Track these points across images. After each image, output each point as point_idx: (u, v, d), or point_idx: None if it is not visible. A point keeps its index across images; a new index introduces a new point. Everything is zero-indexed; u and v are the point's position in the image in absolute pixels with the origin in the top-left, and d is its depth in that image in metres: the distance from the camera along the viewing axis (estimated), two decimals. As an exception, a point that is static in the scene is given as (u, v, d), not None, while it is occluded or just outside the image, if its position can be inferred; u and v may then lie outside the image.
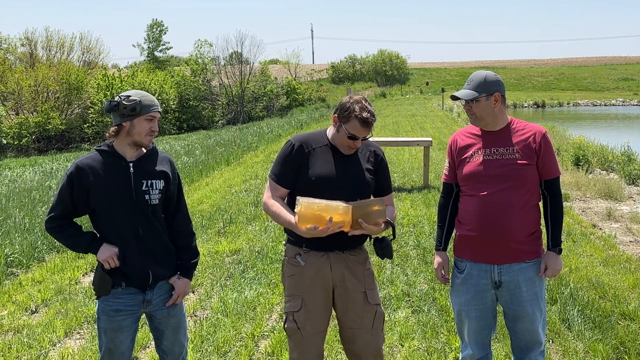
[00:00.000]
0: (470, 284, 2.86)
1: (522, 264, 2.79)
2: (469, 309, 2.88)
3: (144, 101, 2.67)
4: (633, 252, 6.21)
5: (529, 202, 2.78)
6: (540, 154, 2.76)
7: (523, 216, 2.75)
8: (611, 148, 13.22)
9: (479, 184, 2.78)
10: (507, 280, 2.79)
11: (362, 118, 2.74)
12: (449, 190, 3.00)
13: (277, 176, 2.88)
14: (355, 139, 2.79)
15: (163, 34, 65.38)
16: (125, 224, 2.70)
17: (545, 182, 2.82)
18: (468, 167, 2.82)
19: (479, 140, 2.84)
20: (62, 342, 4.28)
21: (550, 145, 2.80)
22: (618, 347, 3.92)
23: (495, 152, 2.78)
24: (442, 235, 3.03)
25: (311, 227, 2.60)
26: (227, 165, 14.10)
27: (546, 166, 2.79)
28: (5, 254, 6.13)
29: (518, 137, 2.78)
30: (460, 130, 3.00)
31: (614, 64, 71.91)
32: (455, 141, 2.95)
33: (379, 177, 2.93)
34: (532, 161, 2.75)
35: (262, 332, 4.31)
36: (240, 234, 7.24)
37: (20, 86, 36.91)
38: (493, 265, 2.79)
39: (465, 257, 2.88)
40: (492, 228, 2.74)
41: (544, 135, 2.79)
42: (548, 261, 2.80)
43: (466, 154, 2.85)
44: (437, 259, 3.03)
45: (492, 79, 2.78)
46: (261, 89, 45.33)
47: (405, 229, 7.21)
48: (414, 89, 59.46)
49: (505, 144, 2.78)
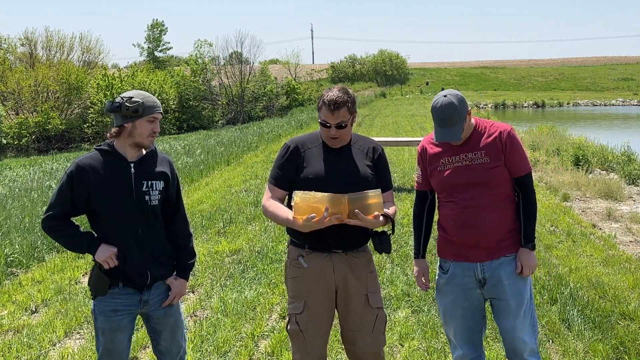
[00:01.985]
0: (455, 283, 2.86)
1: (501, 259, 2.79)
2: (454, 309, 2.87)
3: (147, 103, 2.67)
4: (633, 252, 6.21)
5: (503, 201, 2.79)
6: (507, 152, 2.75)
7: (498, 216, 2.76)
8: (611, 148, 13.22)
9: (453, 192, 2.80)
10: (490, 276, 2.79)
11: (328, 101, 2.73)
12: (422, 197, 3.01)
13: (275, 179, 2.89)
14: (326, 126, 2.77)
15: (163, 34, 65.43)
16: (125, 224, 2.69)
17: (516, 180, 2.80)
18: (440, 176, 2.84)
19: (447, 148, 2.83)
20: (62, 342, 4.28)
21: (517, 142, 2.78)
22: (618, 347, 3.92)
23: (464, 157, 2.78)
24: (420, 243, 3.03)
25: (308, 217, 2.59)
26: (227, 165, 14.10)
27: (514, 164, 2.77)
28: (5, 254, 6.13)
29: (484, 140, 2.77)
30: (428, 137, 2.97)
31: (613, 64, 71.89)
32: (425, 149, 2.93)
33: (378, 173, 2.91)
34: (500, 162, 2.74)
35: (262, 332, 4.31)
36: (240, 234, 7.24)
37: (20, 86, 36.91)
38: (476, 264, 2.80)
39: (448, 257, 2.88)
40: (470, 233, 2.76)
41: (509, 133, 2.77)
42: (521, 258, 2.79)
43: (437, 163, 2.85)
44: (416, 267, 3.04)
45: (460, 102, 2.69)
46: (261, 89, 45.31)
47: (405, 229, 7.21)
48: (414, 89, 59.46)
49: (472, 148, 2.77)
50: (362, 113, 32.42)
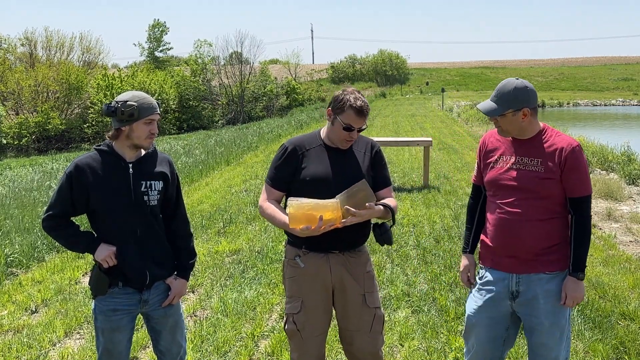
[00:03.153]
0: (486, 290, 2.75)
1: (540, 275, 2.63)
2: (480, 317, 2.76)
3: (142, 105, 2.65)
4: (633, 252, 6.21)
5: (550, 216, 2.63)
6: (565, 168, 2.57)
7: (540, 229, 2.61)
8: (611, 148, 13.23)
9: (499, 192, 2.70)
10: (524, 290, 2.65)
11: (357, 107, 2.74)
12: (477, 191, 2.92)
13: (272, 180, 2.90)
14: (351, 129, 2.77)
15: (164, 35, 65.40)
16: (124, 225, 2.69)
17: (571, 200, 2.62)
18: (490, 174, 2.74)
19: (506, 146, 2.72)
20: (62, 342, 4.28)
21: (580, 161, 2.59)
22: (618, 347, 3.92)
23: (520, 161, 2.65)
24: (470, 237, 2.93)
25: (304, 227, 2.59)
26: (227, 165, 14.10)
27: (571, 183, 2.59)
28: (5, 254, 6.13)
29: (546, 149, 2.61)
30: (492, 131, 2.86)
31: (613, 64, 71.90)
32: (485, 143, 2.84)
33: (377, 170, 2.92)
34: (554, 175, 2.57)
35: (262, 332, 4.31)
36: (240, 234, 7.24)
37: (20, 86, 36.92)
38: (512, 274, 2.67)
39: (486, 264, 2.79)
40: (509, 241, 2.65)
41: (573, 149, 2.58)
42: (567, 287, 2.61)
43: (491, 159, 2.76)
44: (464, 261, 2.93)
45: (520, 91, 2.58)
46: (261, 89, 45.34)
47: (405, 229, 7.21)
48: (414, 89, 59.44)
49: (530, 154, 2.64)
50: (362, 113, 32.37)
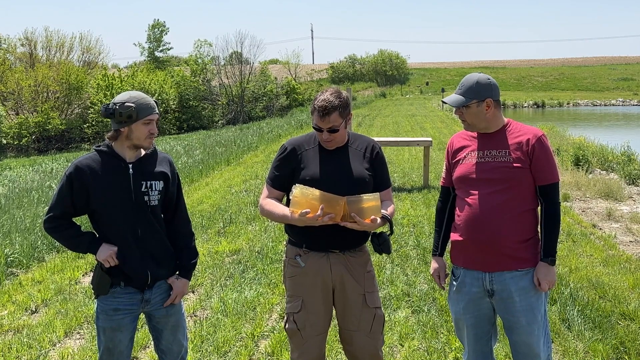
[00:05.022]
0: (464, 292, 2.79)
1: (514, 272, 2.67)
2: (465, 317, 2.81)
3: (140, 106, 2.64)
4: (633, 252, 6.21)
5: (522, 207, 2.67)
6: (533, 157, 2.64)
7: (514, 221, 2.64)
8: (611, 148, 13.23)
9: (470, 187, 2.72)
10: (499, 289, 2.69)
11: (318, 107, 2.72)
12: (446, 193, 2.94)
13: (272, 179, 2.92)
14: (319, 130, 2.77)
15: (164, 35, 65.38)
16: (125, 225, 2.70)
17: (540, 188, 2.68)
18: (459, 170, 2.77)
19: (474, 142, 2.77)
20: (62, 342, 4.28)
21: (546, 150, 2.68)
22: (618, 347, 3.92)
23: (488, 154, 2.70)
24: (439, 240, 2.95)
25: (302, 212, 2.60)
26: (227, 165, 14.10)
27: (540, 171, 2.66)
28: (5, 254, 6.13)
29: (513, 140, 2.68)
30: (459, 132, 2.93)
31: (613, 64, 71.92)
32: (452, 143, 2.90)
33: (376, 171, 2.90)
34: (523, 164, 2.64)
35: (262, 332, 4.31)
36: (240, 234, 7.24)
37: (20, 86, 36.88)
38: (485, 273, 2.71)
39: (459, 264, 2.82)
40: (481, 232, 2.66)
41: (539, 138, 2.67)
42: (539, 272, 2.66)
43: (459, 156, 2.80)
44: (434, 264, 2.97)
45: (484, 83, 2.67)
46: (261, 89, 45.30)
47: (405, 229, 7.21)
48: (414, 89, 59.47)
49: (498, 146, 2.69)
50: (362, 113, 32.44)
